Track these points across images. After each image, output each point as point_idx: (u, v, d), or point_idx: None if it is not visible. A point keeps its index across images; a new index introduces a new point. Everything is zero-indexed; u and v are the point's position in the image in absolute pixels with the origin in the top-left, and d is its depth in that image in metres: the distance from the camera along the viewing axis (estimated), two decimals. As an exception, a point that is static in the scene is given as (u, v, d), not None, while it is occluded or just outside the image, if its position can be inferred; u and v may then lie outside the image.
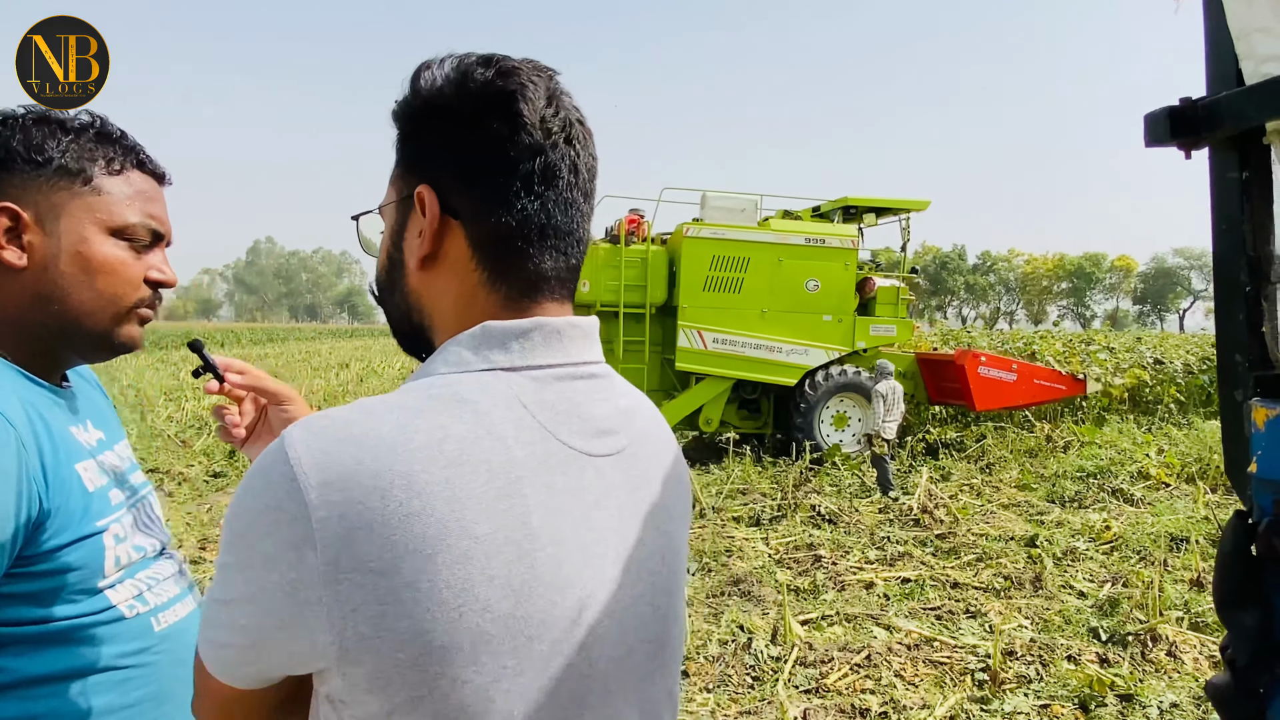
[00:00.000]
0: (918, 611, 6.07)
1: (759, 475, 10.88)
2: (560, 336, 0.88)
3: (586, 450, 0.86)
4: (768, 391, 12.16)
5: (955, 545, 7.70)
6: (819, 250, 11.63)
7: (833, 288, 11.67)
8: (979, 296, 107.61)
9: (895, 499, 9.52)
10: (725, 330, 11.28)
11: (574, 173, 0.88)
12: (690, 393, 11.51)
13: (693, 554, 7.42)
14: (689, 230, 11.24)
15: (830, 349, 11.67)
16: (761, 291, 11.41)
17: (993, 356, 12.70)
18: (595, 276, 11.05)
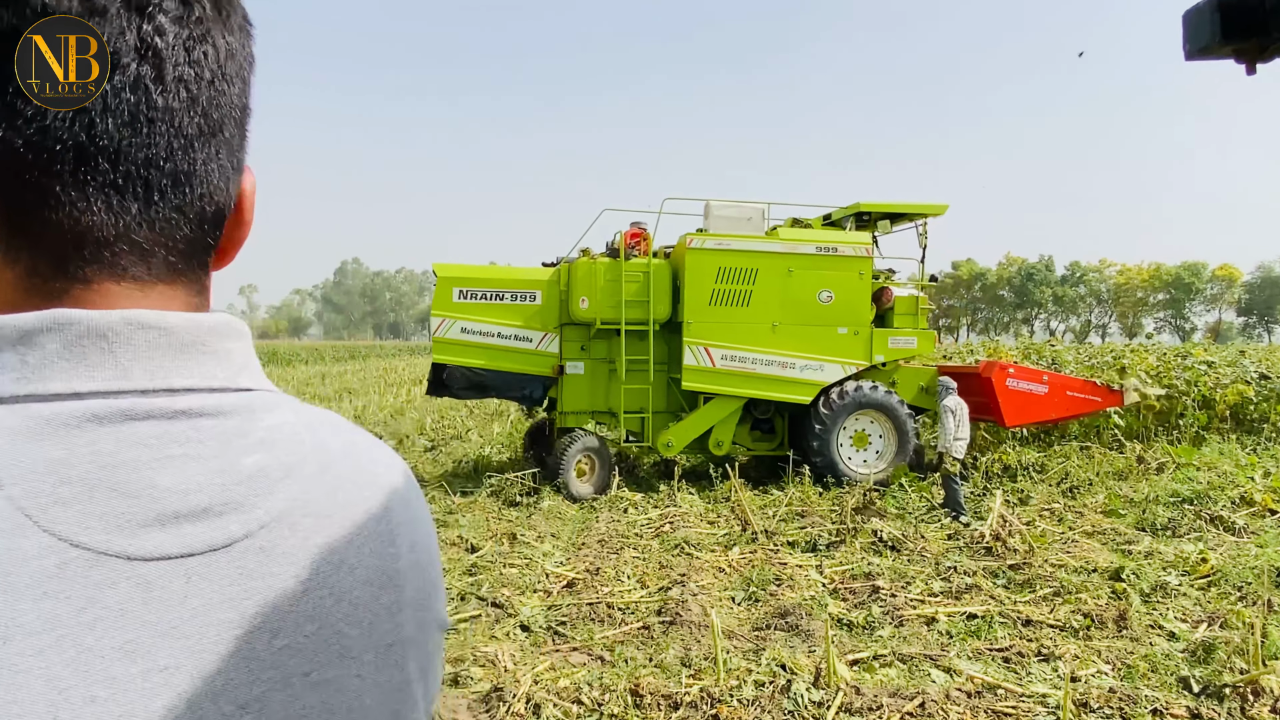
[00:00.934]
0: (983, 653, 5.54)
1: (820, 497, 10.36)
2: (107, 343, 0.54)
3: (122, 550, 0.51)
4: (781, 410, 11.54)
5: (1030, 577, 7.08)
6: (832, 259, 11.00)
7: (847, 298, 11.05)
8: (1068, 309, 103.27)
9: (966, 524, 8.91)
10: (734, 346, 10.73)
11: (155, 60, 0.57)
12: (699, 414, 10.95)
13: (740, 582, 7.01)
14: (692, 241, 10.71)
15: (847, 363, 11.05)
16: (771, 304, 10.83)
17: (1021, 368, 11.84)
18: (595, 293, 10.58)
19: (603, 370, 11.05)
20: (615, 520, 9.13)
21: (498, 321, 10.48)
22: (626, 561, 7.54)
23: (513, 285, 10.65)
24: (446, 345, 10.32)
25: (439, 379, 10.48)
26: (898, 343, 11.33)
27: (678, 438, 10.72)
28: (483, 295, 10.47)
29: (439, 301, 10.41)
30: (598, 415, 11.14)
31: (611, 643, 5.67)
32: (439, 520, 8.89)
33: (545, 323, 10.70)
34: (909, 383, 11.89)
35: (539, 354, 10.66)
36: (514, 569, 7.28)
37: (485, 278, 10.66)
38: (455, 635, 5.85)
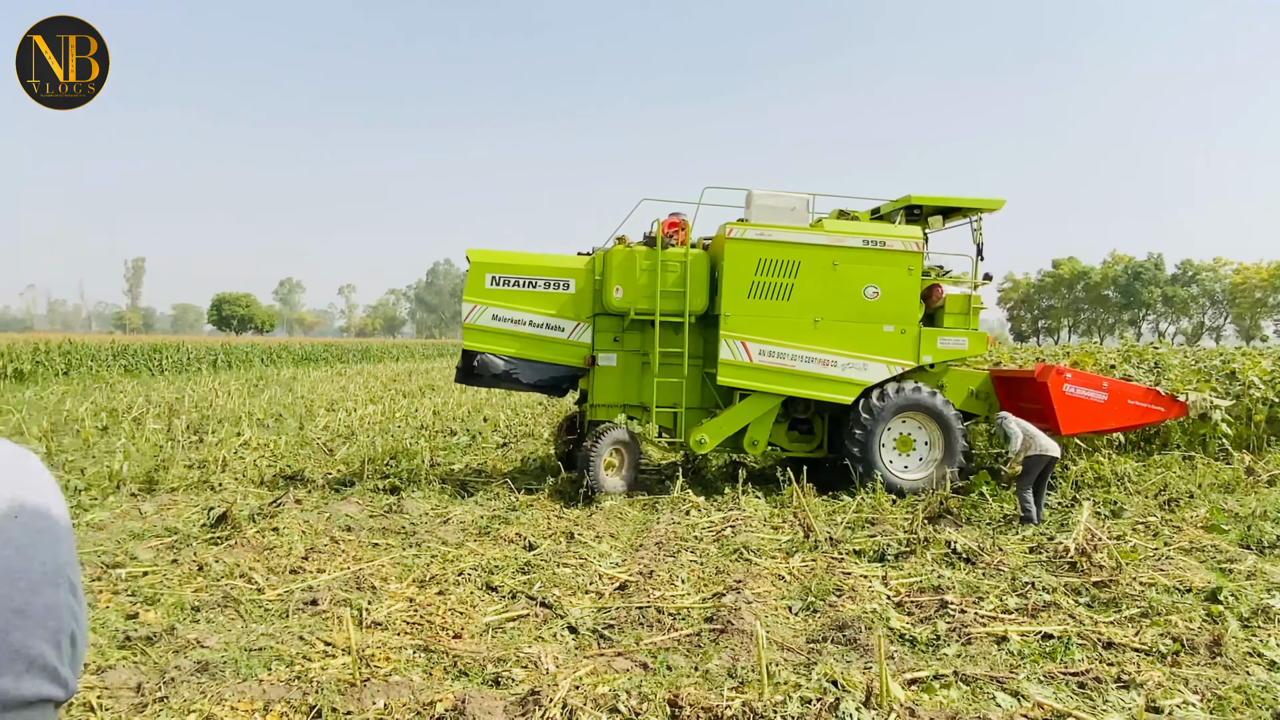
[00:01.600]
0: (1055, 676, 5.14)
1: (893, 505, 9.95)
2: None
3: None
4: (822, 410, 11.06)
5: (1116, 596, 6.59)
6: (879, 254, 10.46)
7: (895, 295, 10.50)
8: (1179, 310, 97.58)
9: (1042, 534, 8.39)
10: (773, 341, 10.26)
11: None
12: (733, 410, 10.52)
13: (799, 591, 6.73)
14: (732, 231, 10.26)
15: (892, 363, 10.51)
16: (814, 298, 10.35)
17: (1080, 373, 11.04)
18: (629, 282, 10.23)
19: (635, 362, 10.74)
20: (676, 522, 8.95)
21: (530, 309, 10.27)
22: (682, 565, 7.35)
23: (546, 272, 10.37)
24: (477, 332, 10.16)
25: (469, 366, 10.29)
26: (947, 343, 10.76)
27: (711, 435, 10.37)
28: (515, 282, 10.26)
29: (471, 287, 10.21)
30: (629, 409, 10.77)
31: (657, 649, 5.50)
32: (500, 517, 8.89)
33: (578, 312, 10.45)
34: (958, 386, 11.30)
35: (571, 344, 10.44)
36: (568, 569, 7.19)
37: (518, 264, 10.37)
38: (501, 634, 5.78)
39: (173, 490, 10.26)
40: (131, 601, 6.11)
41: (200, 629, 5.60)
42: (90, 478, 10.71)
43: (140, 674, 4.90)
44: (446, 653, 5.32)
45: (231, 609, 6.06)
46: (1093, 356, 14.63)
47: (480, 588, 6.69)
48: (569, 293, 10.38)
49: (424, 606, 6.19)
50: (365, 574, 6.87)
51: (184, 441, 14.00)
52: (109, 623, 5.63)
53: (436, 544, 7.85)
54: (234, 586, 6.51)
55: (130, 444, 13.57)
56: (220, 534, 7.99)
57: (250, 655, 5.12)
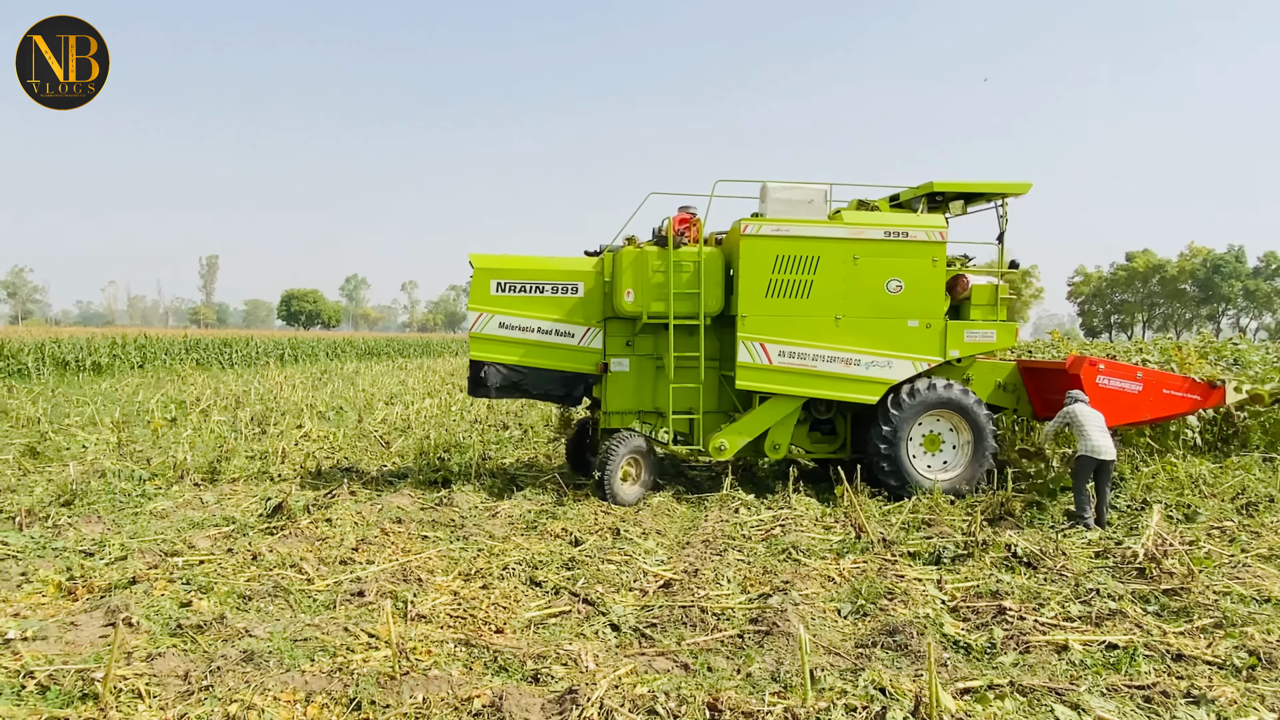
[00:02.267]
0: (1119, 689, 4.88)
1: (951, 505, 9.64)
2: None
3: None
4: (844, 410, 10.64)
5: (1187, 605, 6.25)
6: (901, 245, 10.00)
7: (919, 288, 10.05)
8: (1261, 305, 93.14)
9: (1109, 538, 8.03)
10: (793, 341, 9.83)
11: None
12: (753, 414, 10.04)
13: (849, 593, 6.55)
14: (747, 227, 9.80)
15: (918, 359, 10.06)
16: (835, 295, 9.92)
17: (1113, 364, 10.45)
18: (641, 284, 9.79)
19: (649, 367, 10.32)
20: (724, 520, 8.82)
21: (537, 316, 9.89)
22: (729, 564, 7.22)
23: (553, 276, 9.98)
24: (484, 341, 9.77)
25: (478, 377, 9.85)
26: (974, 336, 10.29)
27: (731, 440, 9.93)
28: (521, 288, 9.86)
29: (476, 295, 9.81)
30: (644, 415, 10.32)
31: (699, 650, 5.39)
32: (548, 512, 8.88)
33: (588, 317, 10.06)
34: (985, 379, 10.84)
35: (581, 350, 10.04)
36: (612, 565, 7.12)
37: (524, 268, 9.95)
38: (542, 630, 5.74)
39: (233, 480, 10.52)
40: (186, 590, 6.24)
41: (249, 618, 5.69)
42: (156, 467, 11.05)
43: (189, 662, 4.98)
44: (487, 647, 5.29)
45: (281, 598, 6.15)
46: (1177, 354, 13.96)
47: (524, 583, 6.67)
48: (578, 297, 10.03)
49: (468, 600, 6.19)
50: (412, 566, 6.91)
51: (247, 433, 14.37)
52: (163, 610, 5.75)
53: (484, 537, 7.86)
54: (285, 576, 6.60)
55: (195, 435, 13.99)
56: (276, 524, 8.14)
57: (295, 646, 5.17)
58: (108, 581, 6.40)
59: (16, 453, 11.87)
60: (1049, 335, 23.69)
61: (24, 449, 12.15)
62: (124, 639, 5.26)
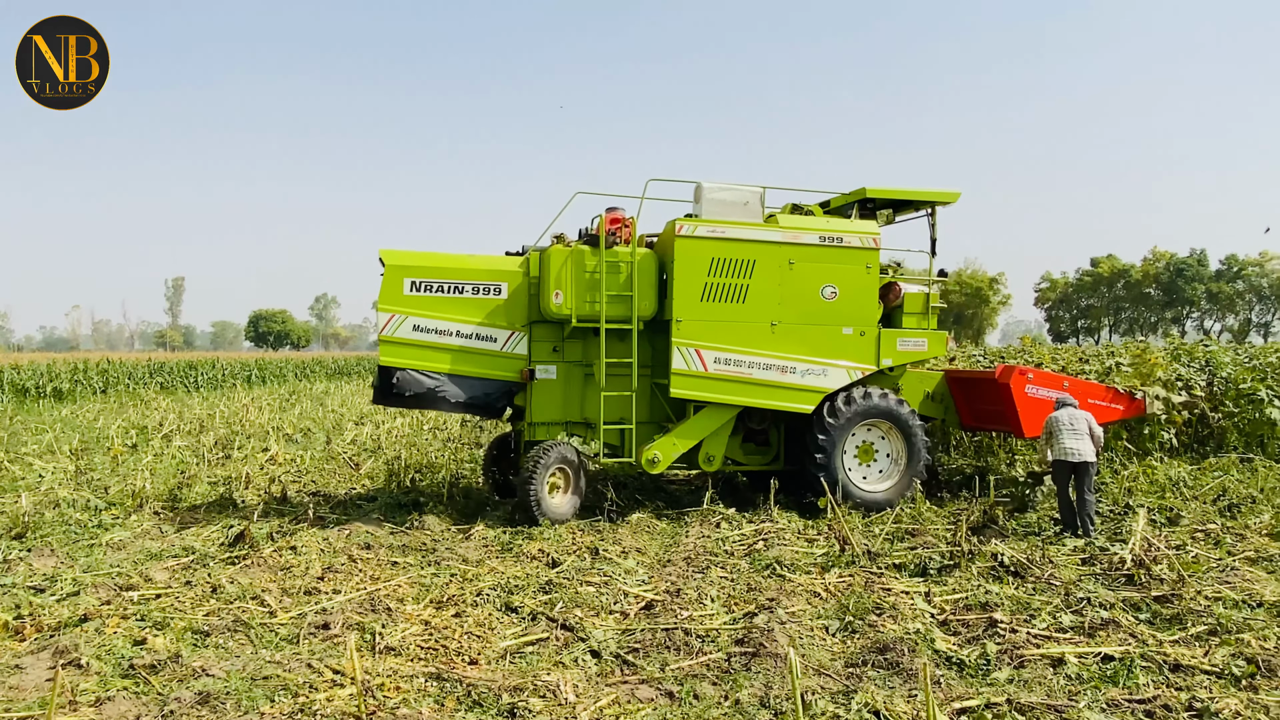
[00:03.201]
0: (1120, 704, 4.71)
1: (935, 514, 9.50)
2: None
3: None
4: (778, 420, 10.24)
5: (1180, 612, 6.12)
6: (836, 251, 9.73)
7: (853, 295, 9.82)
8: (1224, 307, 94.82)
9: (1095, 543, 7.92)
10: (729, 348, 9.39)
11: None
12: (688, 424, 9.55)
13: (836, 609, 6.34)
14: (683, 228, 9.33)
15: (853, 367, 9.81)
16: (770, 300, 9.55)
17: (1041, 373, 10.39)
18: (571, 285, 9.18)
19: (578, 375, 9.73)
20: (705, 536, 8.59)
21: (457, 318, 9.20)
22: (712, 582, 6.99)
23: (474, 276, 9.29)
24: (396, 346, 9.03)
25: (387, 385, 9.07)
26: (907, 345, 10.12)
27: (664, 451, 9.37)
28: (439, 288, 9.15)
29: (387, 294, 9.03)
30: (572, 426, 9.71)
31: (684, 676, 5.15)
32: (523, 532, 8.61)
33: (512, 320, 9.41)
34: (914, 389, 10.71)
35: (505, 356, 9.39)
36: (591, 587, 6.87)
37: (442, 266, 9.23)
38: (519, 660, 5.47)
39: (194, 508, 10.13)
40: (140, 627, 5.89)
41: (207, 656, 5.36)
42: (114, 496, 10.63)
43: (140, 705, 4.67)
44: (460, 681, 5.01)
45: (241, 633, 5.83)
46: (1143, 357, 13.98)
47: (499, 609, 6.39)
48: (501, 298, 9.37)
49: (440, 630, 5.91)
50: (381, 595, 6.61)
51: (210, 458, 13.93)
52: (114, 649, 5.42)
53: (456, 562, 7.57)
54: (245, 609, 6.28)
55: (156, 461, 13.53)
56: (237, 553, 7.80)
57: (254, 685, 4.86)
58: (58, 619, 6.04)
59: (-34, 484, 11.37)
60: (1019, 340, 23.79)
61: (-25, 480, 11.65)
62: (73, 682, 4.93)
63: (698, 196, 9.66)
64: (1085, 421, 8.74)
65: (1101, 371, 14.50)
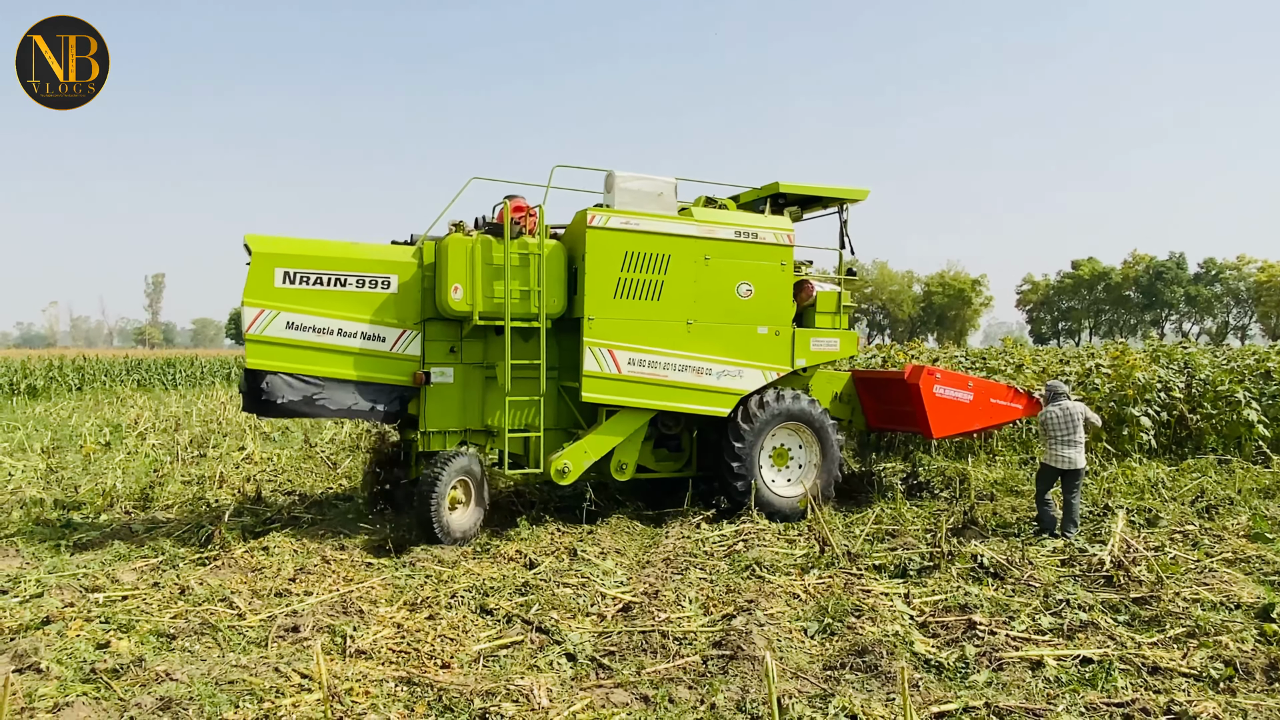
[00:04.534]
0: (1098, 708, 4.68)
1: (914, 513, 9.47)
2: None
3: None
4: (690, 424, 9.76)
5: (1158, 614, 6.10)
6: (752, 247, 9.34)
7: (768, 293, 9.45)
8: (1202, 310, 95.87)
9: (1074, 545, 7.91)
10: (644, 348, 8.84)
11: None
12: (600, 431, 8.90)
13: (814, 611, 6.28)
14: (595, 218, 8.69)
15: (768, 368, 9.44)
16: (686, 298, 9.07)
17: (949, 373, 10.28)
18: (470, 280, 8.32)
19: (478, 378, 8.85)
20: (685, 536, 8.52)
21: (338, 314, 8.15)
22: (690, 584, 6.92)
23: (359, 267, 8.28)
24: (266, 346, 7.91)
25: (255, 391, 7.96)
26: (820, 345, 9.85)
27: (575, 461, 8.68)
28: (317, 280, 8.09)
29: (254, 287, 7.88)
30: (471, 435, 8.89)
31: (660, 679, 5.07)
32: (501, 532, 8.50)
33: (403, 317, 8.43)
34: (823, 390, 10.49)
35: (395, 357, 8.40)
36: (568, 589, 6.77)
37: (321, 255, 8.17)
38: (493, 663, 5.37)
39: (167, 507, 9.96)
40: (105, 629, 5.75)
41: (171, 660, 5.23)
42: (84, 495, 10.43)
43: (100, 711, 4.54)
44: (431, 685, 4.91)
45: (209, 636, 5.69)
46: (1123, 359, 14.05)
47: (474, 611, 6.28)
48: (390, 292, 8.38)
49: (412, 633, 5.80)
50: (354, 597, 6.49)
51: (185, 457, 13.73)
52: (76, 653, 5.28)
53: (432, 563, 7.46)
54: (214, 612, 6.14)
55: (129, 460, 13.32)
56: (208, 554, 7.65)
57: (219, 690, 4.73)
58: (19, 622, 5.88)
59: (-68, 483, 11.14)
60: (1000, 342, 23.92)
61: (-59, 479, 11.42)
62: (31, 687, 4.79)
63: (609, 186, 9.08)
64: (1081, 424, 8.64)
65: (1082, 373, 14.60)
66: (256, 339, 7.90)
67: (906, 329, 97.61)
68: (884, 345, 20.46)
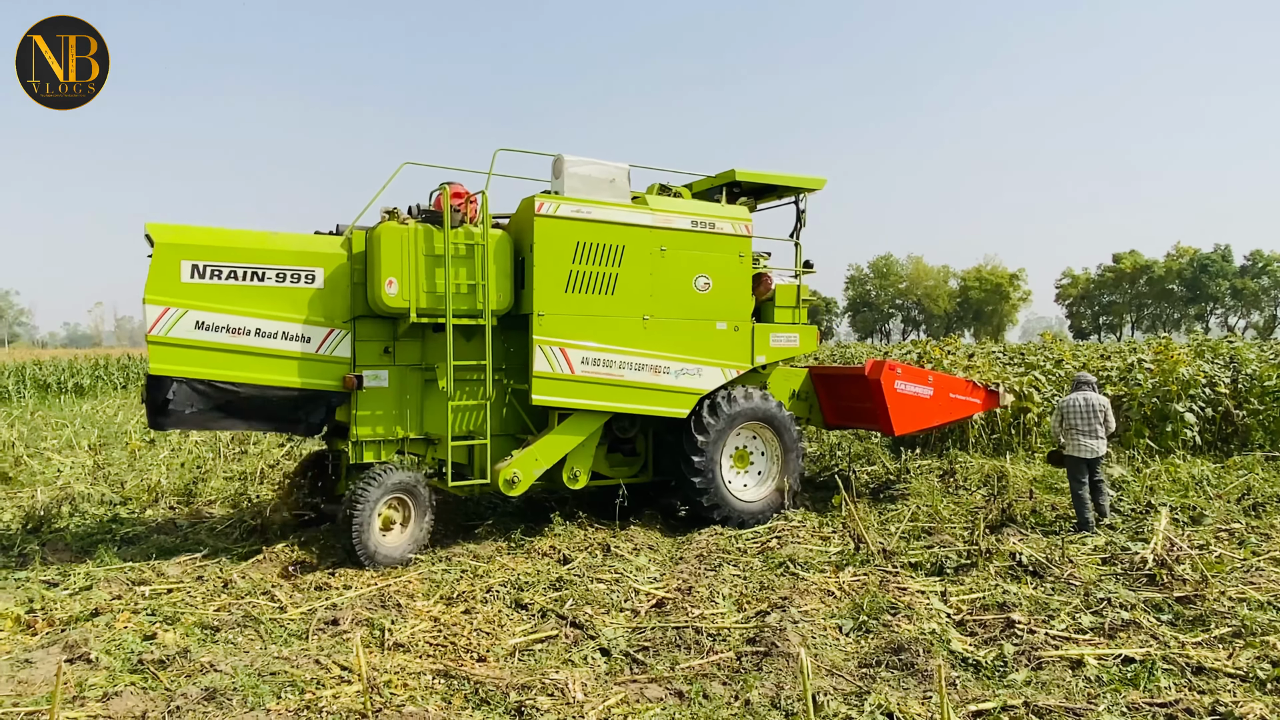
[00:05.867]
0: (1140, 708, 4.60)
1: (951, 510, 9.37)
2: None
3: None
4: (646, 427, 9.21)
5: (1203, 613, 5.98)
6: (709, 238, 8.84)
7: (727, 286, 8.97)
8: (1249, 303, 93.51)
9: (1115, 543, 7.77)
10: (598, 346, 8.25)
11: None
12: (551, 437, 8.26)
13: (849, 609, 6.25)
14: (544, 205, 8.04)
15: (727, 366, 8.94)
16: (642, 292, 8.51)
17: (909, 368, 9.96)
18: (406, 273, 7.53)
19: (415, 381, 8.07)
20: (718, 533, 8.51)
21: (256, 312, 7.29)
22: (724, 580, 6.92)
23: (278, 259, 7.42)
24: (171, 349, 7.01)
25: (161, 401, 7.05)
26: (780, 340, 9.40)
27: (525, 469, 8.04)
28: (230, 274, 7.21)
29: (157, 281, 6.98)
30: (409, 445, 8.08)
31: (694, 675, 5.08)
32: (535, 528, 8.56)
33: (331, 315, 7.61)
34: (780, 387, 10.04)
35: (322, 360, 7.57)
36: (602, 584, 6.81)
37: (234, 246, 7.29)
38: (528, 657, 5.42)
39: (209, 503, 10.17)
40: (151, 621, 5.90)
41: (216, 651, 5.35)
42: (130, 490, 10.69)
43: (147, 700, 4.66)
44: (468, 678, 4.97)
45: (251, 629, 5.82)
46: (1166, 353, 13.75)
47: (509, 605, 6.35)
48: (315, 287, 7.54)
49: (449, 626, 5.87)
50: (391, 591, 6.58)
51: (228, 453, 13.99)
52: (124, 644, 5.42)
53: (467, 558, 7.54)
54: (256, 604, 6.27)
55: (173, 457, 13.62)
56: (250, 548, 7.80)
57: (261, 681, 4.83)
58: (69, 614, 6.06)
59: (-14, 479, 11.49)
60: (1039, 337, 23.55)
61: (-6, 474, 11.77)
62: (81, 677, 4.93)
63: (558, 171, 8.44)
64: (1103, 415, 8.59)
65: (1124, 368, 14.32)
66: (160, 341, 7.00)
67: (942, 325, 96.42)
68: (919, 341, 20.20)
